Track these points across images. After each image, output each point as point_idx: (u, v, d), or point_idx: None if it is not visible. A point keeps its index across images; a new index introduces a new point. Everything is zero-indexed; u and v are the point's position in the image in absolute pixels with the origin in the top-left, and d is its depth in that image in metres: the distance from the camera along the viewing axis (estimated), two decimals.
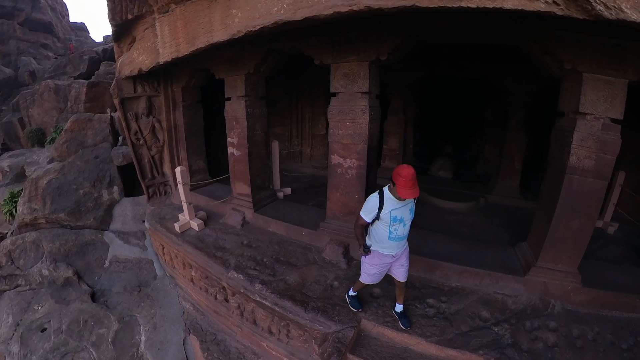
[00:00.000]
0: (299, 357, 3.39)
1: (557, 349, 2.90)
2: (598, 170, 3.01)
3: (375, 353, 2.88)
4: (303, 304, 3.18)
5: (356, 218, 2.73)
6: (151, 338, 4.41)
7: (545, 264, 3.38)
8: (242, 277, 3.57)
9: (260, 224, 4.64)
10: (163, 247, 4.98)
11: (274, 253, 4.01)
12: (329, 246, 3.93)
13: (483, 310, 3.21)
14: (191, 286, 4.54)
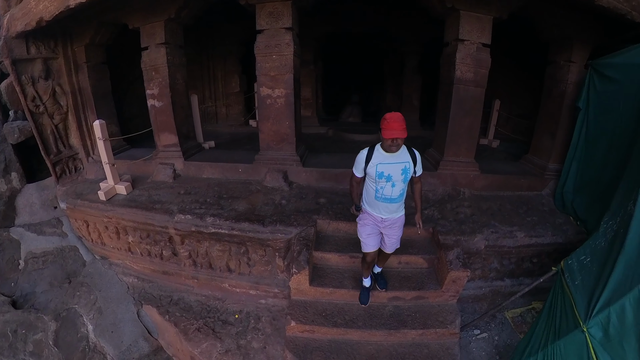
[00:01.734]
0: (264, 284, 3.66)
1: (475, 216, 3.78)
2: (476, 81, 4.01)
3: (335, 245, 3.35)
4: (259, 221, 3.42)
5: (351, 176, 2.68)
6: (100, 324, 4.07)
7: (450, 158, 4.26)
8: (190, 217, 3.56)
9: (193, 172, 4.58)
10: (88, 225, 4.52)
11: (216, 193, 4.07)
12: (269, 174, 4.20)
13: (411, 202, 3.89)
14: (130, 257, 4.29)
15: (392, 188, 2.50)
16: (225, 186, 4.23)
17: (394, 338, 2.96)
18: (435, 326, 3.00)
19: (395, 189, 2.51)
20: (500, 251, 3.56)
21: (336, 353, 2.89)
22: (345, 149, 5.15)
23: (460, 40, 3.83)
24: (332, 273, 3.25)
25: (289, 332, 3.02)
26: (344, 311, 3.05)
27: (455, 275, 3.05)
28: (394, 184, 2.48)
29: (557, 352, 2.52)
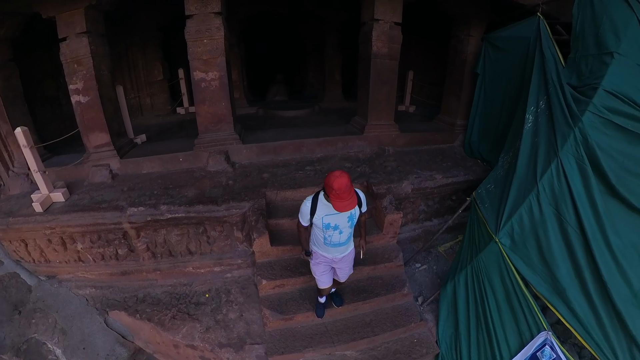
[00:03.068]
0: (226, 258, 3.93)
1: (400, 167, 4.46)
2: (391, 55, 4.68)
3: (285, 212, 3.78)
4: (213, 202, 3.67)
5: (297, 222, 2.70)
6: (68, 345, 3.90)
7: (374, 122, 4.90)
8: (143, 208, 3.65)
9: (132, 169, 4.54)
10: (26, 245, 4.18)
11: (161, 185, 4.14)
12: (211, 158, 4.39)
13: (346, 162, 4.50)
14: (81, 267, 4.14)
15: (339, 235, 2.57)
16: (168, 178, 4.32)
17: (353, 275, 3.49)
18: (384, 262, 3.63)
19: (344, 235, 2.59)
20: (424, 193, 4.28)
21: (306, 299, 3.37)
22: (277, 125, 5.61)
23: (376, 20, 4.43)
24: (287, 235, 3.68)
25: (262, 292, 3.40)
26: (305, 262, 3.51)
27: (391, 218, 3.67)
28: (341, 231, 2.55)
29: (480, 263, 3.24)
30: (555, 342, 2.63)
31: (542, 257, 2.79)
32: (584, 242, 2.54)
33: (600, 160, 2.52)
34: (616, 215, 2.49)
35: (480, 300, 3.28)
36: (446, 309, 3.67)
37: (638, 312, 2.34)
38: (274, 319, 3.26)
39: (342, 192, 2.20)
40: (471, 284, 3.38)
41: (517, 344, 2.88)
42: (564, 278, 2.62)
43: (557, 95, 2.91)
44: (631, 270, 2.39)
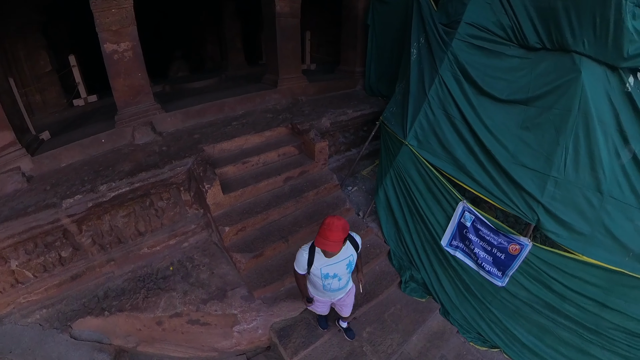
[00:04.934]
0: (179, 228, 4.06)
1: (315, 110, 5.11)
2: (292, 13, 5.15)
3: (226, 160, 4.10)
4: (155, 167, 3.74)
5: (293, 272, 2.69)
6: None
7: (284, 76, 5.38)
8: (80, 196, 3.47)
9: (49, 166, 4.12)
10: None
11: (89, 171, 3.93)
12: (137, 132, 4.32)
13: (267, 114, 4.95)
14: (22, 290, 3.67)
15: (339, 281, 2.58)
16: (94, 162, 4.12)
17: (300, 204, 4.02)
18: (323, 184, 4.23)
19: (343, 280, 2.61)
20: (340, 125, 4.95)
21: (268, 234, 3.81)
22: (190, 96, 5.60)
23: None
24: (234, 180, 4.03)
25: (226, 241, 3.70)
26: (257, 203, 3.92)
27: (319, 146, 4.25)
28: (340, 278, 2.56)
29: (399, 164, 4.06)
30: (471, 207, 3.43)
31: (443, 146, 3.69)
32: (468, 127, 3.45)
33: (468, 71, 3.46)
34: (486, 106, 3.39)
35: (407, 194, 4.10)
36: (384, 213, 4.44)
37: (517, 167, 3.06)
38: (246, 259, 3.61)
39: (330, 229, 2.18)
40: (396, 183, 4.21)
41: (444, 219, 3.69)
42: (462, 156, 3.49)
43: (433, 31, 3.82)
44: (504, 139, 3.17)
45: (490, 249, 3.37)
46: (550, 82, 2.93)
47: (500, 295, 3.39)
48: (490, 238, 3.34)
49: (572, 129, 2.78)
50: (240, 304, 3.60)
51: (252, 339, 3.56)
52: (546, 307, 3.15)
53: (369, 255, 4.09)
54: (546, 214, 2.92)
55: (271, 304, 3.57)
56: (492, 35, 3.33)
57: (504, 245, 3.22)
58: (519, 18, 3.08)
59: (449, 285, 3.83)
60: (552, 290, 3.05)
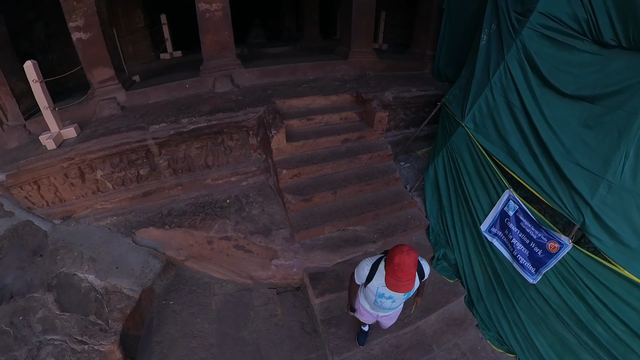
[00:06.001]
0: (241, 167, 4.87)
1: (381, 84, 5.53)
2: None
3: (293, 115, 4.77)
4: (231, 110, 4.56)
5: (351, 275, 2.75)
6: (100, 269, 4.39)
7: (356, 49, 5.95)
8: (165, 124, 4.39)
9: (139, 100, 5.17)
10: (39, 187, 4.64)
11: (172, 109, 4.83)
12: (217, 81, 5.20)
13: (335, 82, 5.53)
14: (101, 198, 4.73)
15: (392, 303, 2.59)
16: (178, 103, 5.03)
17: (353, 164, 4.60)
18: (377, 151, 4.78)
19: (396, 303, 2.63)
20: (403, 102, 5.42)
21: (319, 184, 4.45)
22: (266, 58, 6.52)
23: None
24: (297, 133, 4.71)
25: (282, 183, 4.40)
26: (315, 155, 4.56)
27: (379, 115, 4.77)
28: (394, 301, 2.57)
29: (453, 145, 4.45)
30: (516, 196, 3.60)
31: (498, 133, 3.95)
32: (527, 117, 3.65)
33: (535, 61, 3.64)
34: (548, 98, 3.53)
35: (456, 175, 4.48)
36: (430, 189, 4.87)
37: (571, 164, 3.11)
38: (296, 201, 4.29)
39: (401, 269, 2.10)
40: (447, 163, 4.60)
41: (488, 205, 3.94)
42: (516, 145, 3.67)
43: (505, 19, 4.06)
44: (562, 134, 3.25)
45: (528, 242, 3.51)
46: (620, 81, 2.92)
47: (529, 293, 3.51)
48: (530, 231, 3.48)
49: (637, 134, 2.74)
50: (282, 243, 4.30)
51: (286, 275, 4.25)
52: (574, 320, 3.20)
53: (408, 224, 4.59)
54: (593, 218, 2.93)
55: (308, 250, 4.23)
56: (565, 27, 3.44)
57: (543, 241, 3.32)
58: (596, 12, 3.08)
59: (479, 271, 4.08)
60: (584, 300, 3.06)
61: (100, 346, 3.76)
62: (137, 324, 4.19)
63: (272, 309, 4.29)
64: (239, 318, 4.25)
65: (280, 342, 4.01)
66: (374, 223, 4.52)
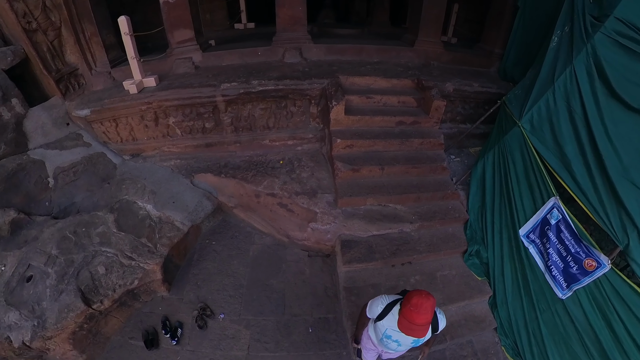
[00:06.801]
0: (299, 133, 5.48)
1: (443, 74, 5.87)
2: None
3: (354, 92, 5.23)
4: (297, 78, 5.17)
5: (363, 306, 2.80)
6: (158, 201, 5.11)
7: (423, 38, 6.31)
8: (235, 84, 5.07)
9: (213, 62, 5.92)
10: (117, 125, 5.55)
11: (244, 72, 5.50)
12: (287, 52, 5.85)
13: (398, 67, 5.96)
14: (169, 141, 5.57)
15: (397, 346, 2.61)
16: (248, 67, 5.71)
17: (404, 146, 5.02)
18: (429, 137, 5.17)
19: (401, 348, 2.64)
20: (463, 95, 5.71)
21: (369, 158, 4.94)
22: (334, 37, 7.09)
23: None
24: (355, 108, 5.21)
25: (335, 151, 4.93)
26: (369, 131, 5.04)
27: (437, 104, 5.12)
28: (400, 345, 2.58)
29: (506, 143, 4.66)
30: (562, 205, 3.64)
31: (554, 138, 4.04)
32: (587, 126, 3.66)
33: (605, 69, 3.60)
34: (613, 109, 3.48)
35: (504, 174, 4.72)
36: (476, 185, 5.15)
37: (626, 183, 3.07)
38: (345, 169, 4.81)
39: (418, 312, 2.12)
40: (497, 160, 4.85)
41: (531, 210, 4.04)
42: (570, 153, 3.68)
43: (579, 21, 4.05)
44: (622, 150, 3.20)
45: (565, 255, 3.58)
46: None
47: (556, 307, 3.61)
48: (569, 243, 3.53)
49: None
50: (324, 206, 4.86)
51: (319, 240, 4.78)
52: (595, 346, 3.25)
53: (447, 214, 4.95)
54: (639, 242, 2.92)
55: (347, 217, 4.73)
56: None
57: (581, 257, 3.36)
58: None
59: (509, 275, 4.24)
60: (611, 327, 3.11)
61: (146, 264, 4.48)
62: (180, 255, 4.96)
63: (301, 267, 4.88)
64: (271, 268, 4.90)
65: (303, 297, 4.60)
66: (414, 205, 4.93)
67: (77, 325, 4.08)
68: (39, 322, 4.00)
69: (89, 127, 5.87)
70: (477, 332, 4.19)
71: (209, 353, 4.22)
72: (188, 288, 4.76)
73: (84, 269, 4.38)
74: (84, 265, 4.41)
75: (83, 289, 4.20)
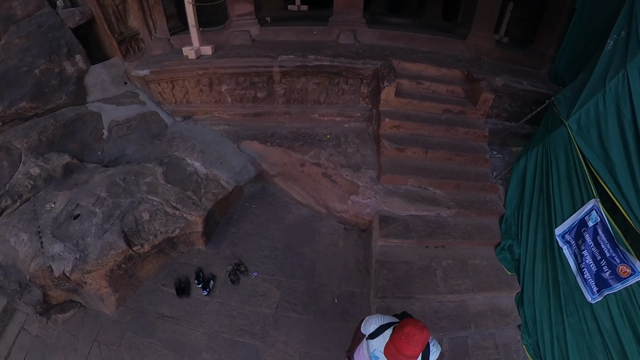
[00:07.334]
0: (348, 110, 5.87)
1: (494, 70, 6.10)
2: None
3: (405, 76, 5.54)
4: (352, 57, 5.56)
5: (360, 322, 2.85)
6: (206, 160, 5.61)
7: (475, 32, 6.58)
8: (293, 57, 5.52)
9: (269, 36, 6.40)
10: (173, 87, 6.10)
11: (299, 48, 5.90)
12: (342, 34, 6.27)
13: (448, 59, 6.24)
14: (220, 107, 6.10)
15: None
16: (304, 44, 6.14)
17: (449, 134, 5.33)
18: (475, 128, 5.47)
19: None
20: (511, 92, 5.95)
21: (414, 141, 5.28)
22: (386, 24, 7.44)
23: None
24: (405, 92, 5.56)
25: (382, 130, 5.30)
26: (416, 115, 5.38)
27: (485, 96, 5.39)
28: None
29: (551, 142, 4.83)
30: (601, 208, 3.70)
31: (600, 141, 4.10)
32: (635, 131, 3.68)
33: None
34: None
35: (545, 172, 4.89)
36: (515, 180, 5.37)
37: None
38: (391, 147, 5.17)
39: (407, 342, 2.10)
40: (540, 158, 5.04)
41: (570, 210, 4.16)
42: (615, 157, 3.71)
43: (636, 26, 4.12)
44: None
45: (599, 259, 3.67)
46: None
47: (583, 311, 3.71)
48: (604, 247, 3.61)
49: None
50: (367, 181, 5.23)
51: (358, 213, 5.14)
52: (619, 355, 3.34)
53: (484, 206, 5.22)
54: None
55: (388, 195, 5.08)
56: None
57: (615, 262, 3.43)
58: None
59: (540, 273, 4.39)
60: (637, 336, 3.20)
61: (189, 215, 4.93)
62: (221, 212, 5.43)
63: (335, 239, 5.27)
64: (305, 237, 5.30)
65: (333, 268, 4.97)
66: (453, 192, 5.23)
67: (116, 264, 4.51)
68: (81, 255, 4.42)
69: (146, 87, 6.45)
70: (501, 326, 4.37)
71: (237, 307, 4.63)
72: (225, 244, 5.22)
73: (129, 213, 4.84)
74: (129, 210, 4.87)
75: (126, 231, 4.66)
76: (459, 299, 4.45)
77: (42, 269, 4.40)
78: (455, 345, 4.25)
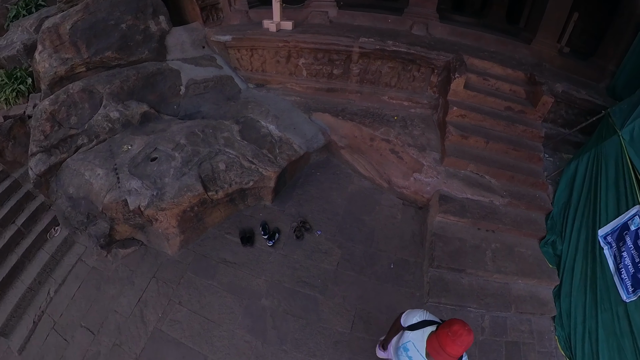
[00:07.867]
0: (415, 97, 6.53)
1: (555, 76, 6.64)
2: None
3: (473, 72, 6.16)
4: (426, 47, 6.20)
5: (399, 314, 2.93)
6: (280, 124, 6.24)
7: (540, 39, 7.13)
8: (372, 40, 6.17)
9: (346, 19, 7.07)
10: (252, 55, 6.78)
11: (375, 33, 6.52)
12: (415, 25, 6.93)
13: (512, 60, 6.82)
14: (293, 79, 6.76)
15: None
16: (378, 30, 6.77)
17: (508, 129, 5.95)
18: (532, 127, 6.07)
19: None
20: (569, 99, 6.49)
21: (476, 131, 5.92)
22: (453, 21, 7.95)
23: None
24: (472, 86, 6.17)
25: (449, 117, 5.94)
26: (480, 108, 6.00)
27: (545, 99, 5.96)
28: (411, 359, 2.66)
29: (603, 148, 5.29)
30: None
31: None
32: None
33: None
34: None
35: (595, 176, 5.31)
36: (565, 182, 5.89)
37: None
38: (456, 133, 5.81)
39: (453, 340, 2.17)
40: (591, 163, 5.49)
41: (614, 213, 4.53)
42: None
43: None
44: None
45: (637, 261, 4.00)
46: None
47: (617, 309, 4.02)
48: None
49: None
50: (430, 161, 5.87)
51: (418, 191, 5.78)
52: None
53: (533, 201, 5.78)
54: None
55: (448, 177, 5.71)
56: None
57: None
58: None
59: (579, 270, 4.77)
60: None
61: (264, 170, 5.53)
62: (290, 174, 6.11)
63: (394, 212, 5.91)
64: (366, 206, 5.95)
65: (391, 237, 5.59)
66: (507, 183, 5.83)
67: (190, 205, 5.05)
68: (158, 192, 4.96)
69: (224, 52, 7.16)
70: (538, 314, 4.82)
71: (300, 260, 5.24)
72: (290, 203, 5.90)
73: (206, 162, 5.43)
74: (207, 159, 5.46)
75: (203, 177, 5.22)
76: (504, 281, 5.00)
77: (117, 202, 4.94)
78: (495, 323, 4.72)
